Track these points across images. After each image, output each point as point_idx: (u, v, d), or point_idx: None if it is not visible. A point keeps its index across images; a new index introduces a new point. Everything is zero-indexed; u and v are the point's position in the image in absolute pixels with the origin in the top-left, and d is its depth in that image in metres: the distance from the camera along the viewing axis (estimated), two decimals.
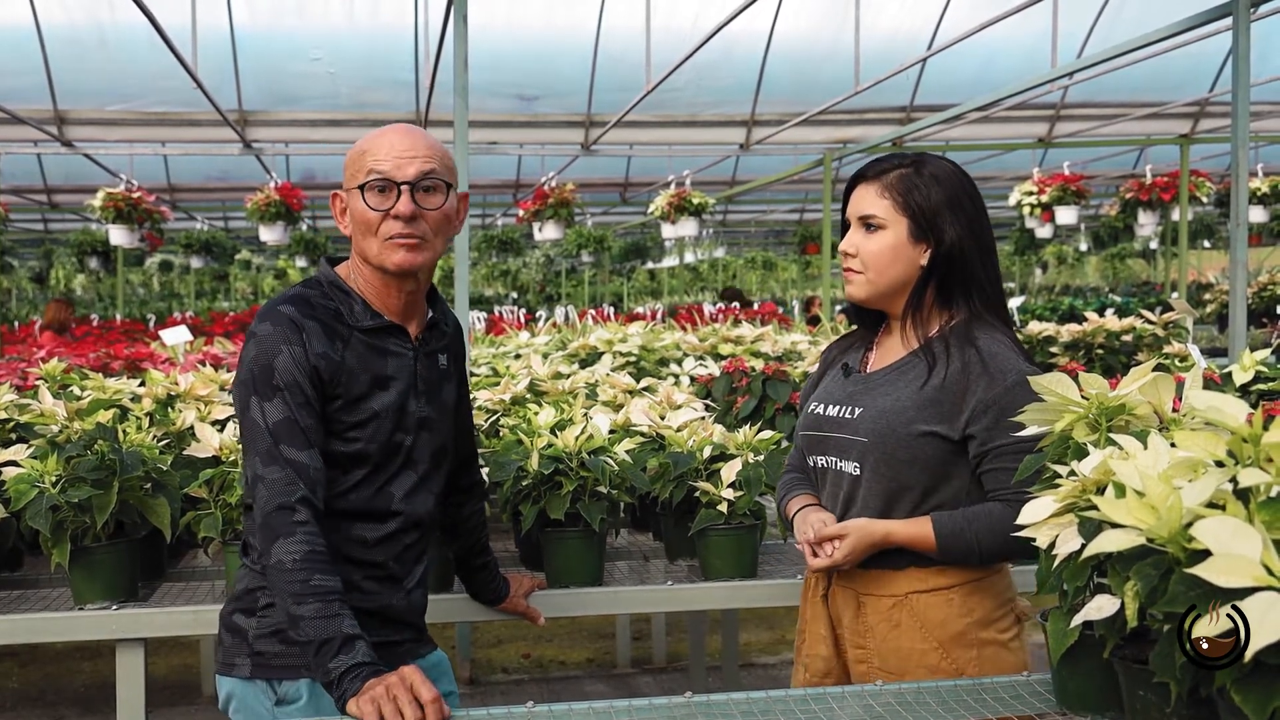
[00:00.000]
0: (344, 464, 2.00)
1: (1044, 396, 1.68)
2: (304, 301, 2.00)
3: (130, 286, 24.50)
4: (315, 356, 1.94)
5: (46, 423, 2.80)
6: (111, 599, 2.55)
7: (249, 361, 1.95)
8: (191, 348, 5.69)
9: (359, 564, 2.03)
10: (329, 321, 1.99)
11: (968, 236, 2.11)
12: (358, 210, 2.00)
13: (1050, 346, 5.64)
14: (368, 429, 2.00)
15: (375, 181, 1.98)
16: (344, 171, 2.05)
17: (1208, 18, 5.19)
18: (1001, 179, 14.84)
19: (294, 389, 1.92)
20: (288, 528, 1.84)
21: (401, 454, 2.06)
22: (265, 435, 1.90)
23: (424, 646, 2.19)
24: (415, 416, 2.07)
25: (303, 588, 1.80)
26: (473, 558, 2.43)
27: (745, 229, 24.46)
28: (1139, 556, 1.28)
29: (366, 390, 2.00)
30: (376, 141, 2.01)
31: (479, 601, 2.51)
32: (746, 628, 5.79)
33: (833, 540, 2.07)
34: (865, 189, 2.16)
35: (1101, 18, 10.38)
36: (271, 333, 1.94)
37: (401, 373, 2.05)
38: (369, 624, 2.03)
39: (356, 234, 2.03)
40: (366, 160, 1.99)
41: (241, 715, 2.00)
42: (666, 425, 3.00)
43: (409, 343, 2.08)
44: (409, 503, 2.07)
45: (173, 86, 9.52)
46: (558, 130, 11.64)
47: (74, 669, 5.42)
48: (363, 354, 2.01)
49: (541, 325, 7.26)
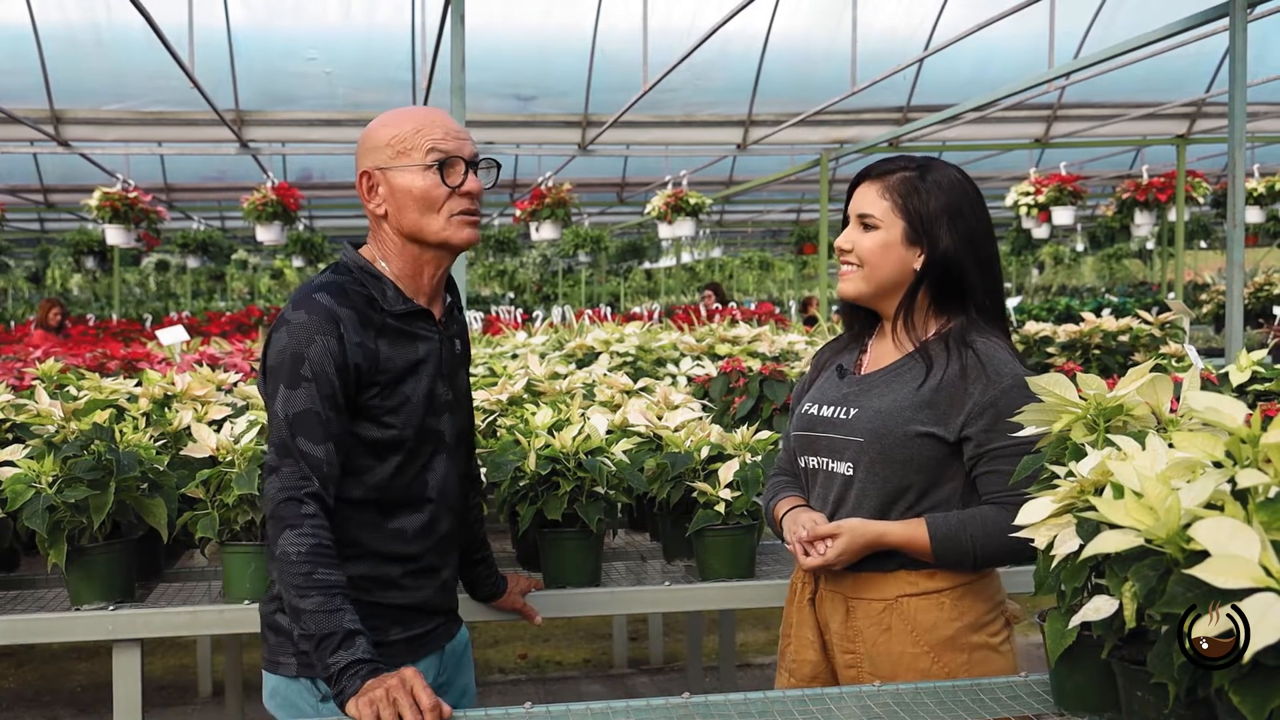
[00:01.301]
0: (380, 451, 1.99)
1: (1042, 397, 1.67)
2: (339, 290, 1.98)
3: (127, 286, 24.46)
4: (352, 347, 1.93)
5: (43, 423, 2.79)
6: (108, 599, 2.55)
7: (279, 349, 1.93)
8: (188, 348, 5.68)
9: (399, 559, 2.03)
10: (363, 309, 1.98)
11: (964, 246, 2.10)
12: (418, 187, 1.99)
13: (1047, 347, 5.64)
14: (402, 414, 1.99)
15: (443, 158, 1.99)
16: (377, 149, 2.01)
17: (1205, 18, 5.20)
18: (998, 179, 14.85)
19: (322, 380, 1.90)
20: (296, 520, 1.84)
21: (434, 438, 2.06)
22: (284, 425, 1.89)
23: (455, 625, 2.22)
24: (443, 400, 2.07)
25: (306, 580, 1.80)
26: (471, 552, 2.43)
27: (742, 229, 24.47)
28: (1137, 557, 1.28)
29: (402, 376, 2.00)
30: (426, 119, 2.01)
31: (476, 598, 2.49)
32: (744, 628, 5.79)
33: (825, 539, 2.07)
34: (868, 188, 2.16)
35: (1098, 18, 10.39)
36: (306, 321, 1.92)
37: (430, 356, 2.05)
38: (407, 618, 2.05)
39: (411, 211, 2.00)
40: (423, 138, 1.99)
41: (284, 712, 1.99)
42: (664, 425, 3.00)
43: (435, 326, 2.08)
44: (443, 488, 2.08)
45: (169, 86, 9.53)
46: (554, 130, 11.64)
47: (70, 669, 5.41)
48: (395, 339, 2.00)
49: (538, 325, 7.26)
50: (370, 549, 2.00)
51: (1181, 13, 5.44)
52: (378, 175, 2.02)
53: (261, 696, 2.04)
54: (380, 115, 2.08)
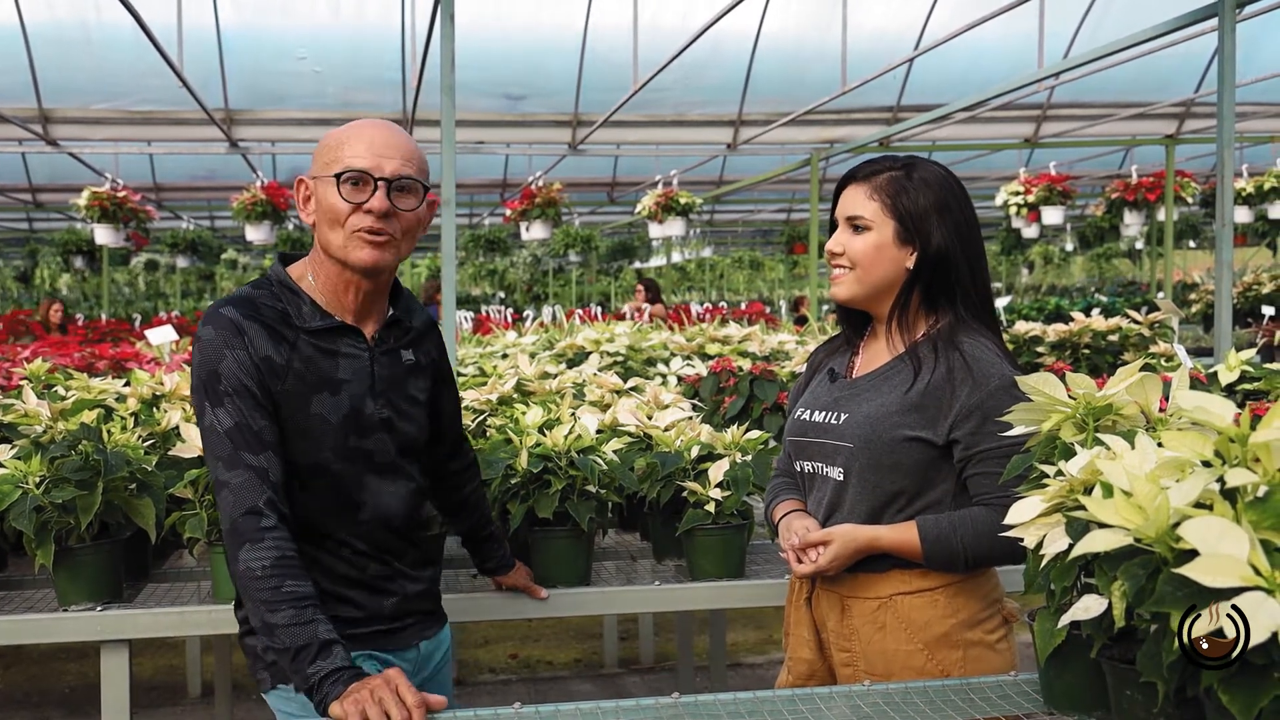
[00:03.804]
0: (302, 474, 1.96)
1: (1031, 396, 1.68)
2: (248, 303, 1.96)
3: (116, 286, 24.39)
4: (259, 359, 1.90)
5: (30, 423, 2.78)
6: (96, 600, 2.54)
7: (196, 367, 1.92)
8: (177, 348, 5.65)
9: (345, 579, 2.02)
10: (274, 324, 1.95)
11: (955, 242, 2.11)
12: (327, 200, 1.95)
13: (1036, 346, 5.64)
14: (315, 435, 1.95)
15: (351, 174, 1.93)
16: (315, 158, 1.99)
17: (1193, 18, 5.20)
18: (988, 179, 14.87)
19: (242, 393, 1.88)
20: (255, 534, 1.81)
21: (361, 458, 2.01)
22: (222, 441, 1.87)
23: (432, 626, 2.19)
24: (375, 418, 2.02)
25: (274, 595, 1.78)
26: (479, 530, 2.47)
27: (732, 229, 24.48)
28: (1126, 556, 1.28)
29: (313, 394, 1.95)
30: (356, 133, 1.97)
31: (483, 572, 2.57)
32: (734, 628, 5.79)
33: (817, 546, 2.07)
34: (855, 190, 2.16)
35: (1087, 18, 10.41)
36: (213, 337, 1.90)
37: (357, 375, 2.00)
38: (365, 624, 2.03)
39: (322, 225, 1.97)
40: (344, 151, 1.95)
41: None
42: (654, 425, 3.00)
43: (363, 343, 2.03)
44: (380, 510, 2.04)
45: (158, 85, 9.49)
46: (545, 130, 11.63)
47: (59, 670, 5.39)
48: (310, 356, 1.96)
49: (529, 325, 7.25)
50: (315, 570, 1.96)
51: (1170, 13, 5.46)
52: (309, 184, 2.01)
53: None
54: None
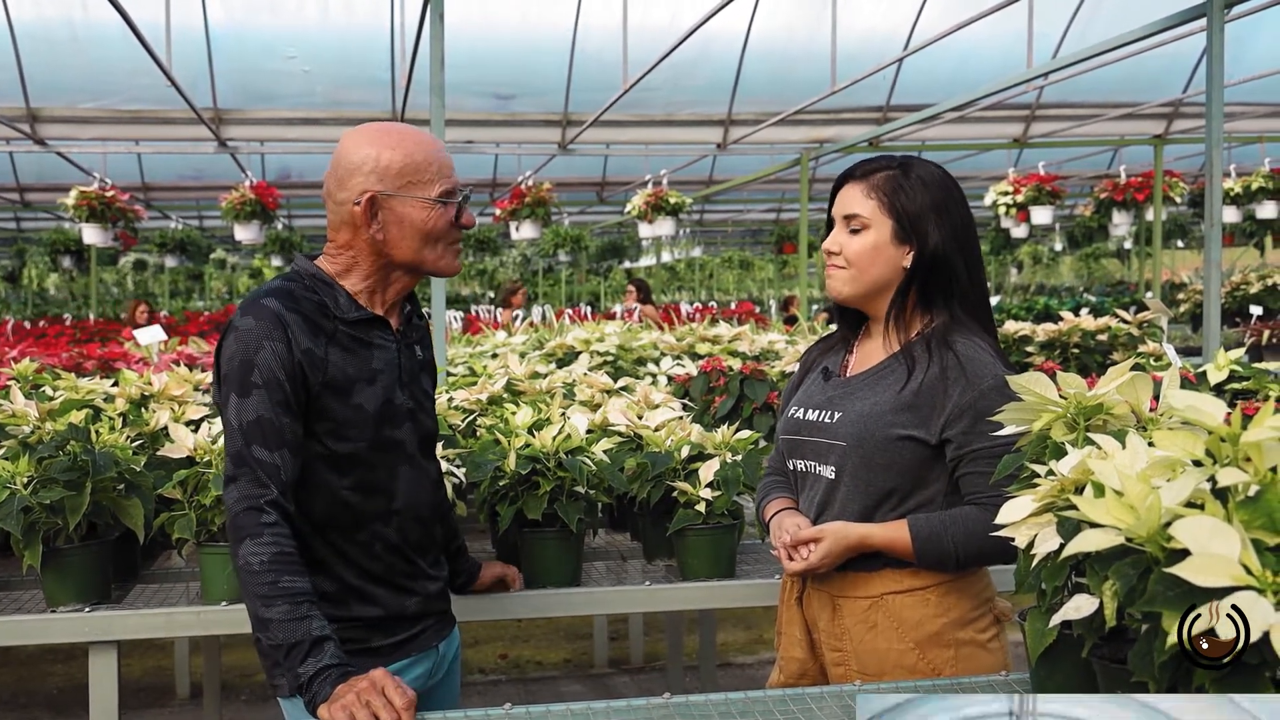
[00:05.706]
0: (339, 465, 1.97)
1: (1022, 396, 1.67)
2: (288, 295, 1.96)
3: (104, 286, 24.32)
4: (300, 352, 1.90)
5: (18, 423, 2.76)
6: (84, 601, 2.53)
7: (229, 356, 1.91)
8: (166, 347, 5.64)
9: (370, 575, 2.02)
10: (313, 315, 1.95)
11: (951, 241, 2.11)
12: (419, 217, 1.99)
13: (1026, 346, 5.66)
14: (356, 425, 1.97)
15: (452, 193, 2.02)
16: (384, 174, 1.97)
17: (1182, 18, 5.22)
18: (977, 179, 14.89)
19: (273, 385, 1.88)
20: (255, 529, 1.81)
21: (394, 448, 2.04)
22: (238, 434, 1.87)
23: (447, 626, 2.20)
24: (403, 408, 2.05)
25: (270, 589, 1.78)
26: (449, 543, 2.42)
27: (722, 228, 24.48)
28: (1117, 556, 1.28)
29: (352, 384, 1.97)
30: (434, 151, 2.02)
31: (453, 588, 2.44)
32: (724, 628, 5.79)
33: (808, 544, 2.07)
34: (851, 189, 2.16)
35: (1076, 18, 10.43)
36: (254, 327, 1.89)
37: (387, 366, 2.03)
38: (388, 626, 2.03)
39: (412, 240, 2.00)
40: (431, 172, 1.99)
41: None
42: (644, 425, 3.00)
43: (392, 335, 2.06)
44: (410, 499, 2.06)
45: (147, 84, 9.45)
46: (534, 129, 11.62)
47: (46, 672, 5.37)
48: (348, 347, 1.98)
49: (518, 324, 7.25)
50: (341, 565, 1.98)
51: (1159, 13, 5.47)
52: (381, 200, 1.99)
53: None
54: (373, 133, 2.01)
